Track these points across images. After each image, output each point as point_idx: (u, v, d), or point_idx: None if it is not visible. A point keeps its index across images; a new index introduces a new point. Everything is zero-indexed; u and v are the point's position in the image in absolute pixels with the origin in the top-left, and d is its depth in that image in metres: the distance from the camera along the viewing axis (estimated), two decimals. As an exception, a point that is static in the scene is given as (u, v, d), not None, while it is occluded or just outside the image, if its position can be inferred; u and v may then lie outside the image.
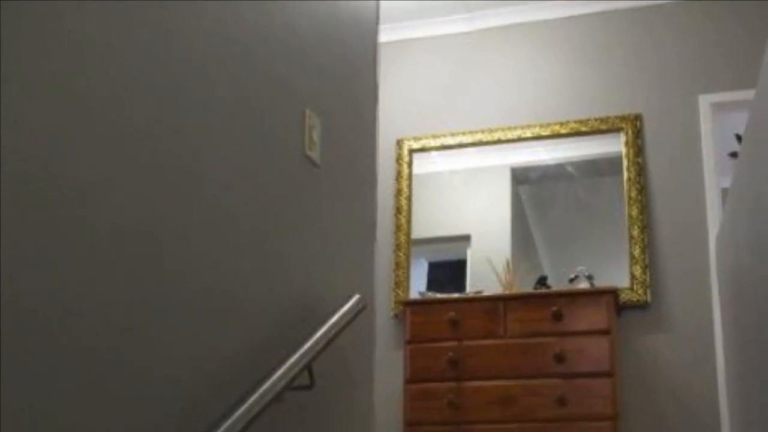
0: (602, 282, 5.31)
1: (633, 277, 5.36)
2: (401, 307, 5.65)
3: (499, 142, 5.99)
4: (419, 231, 6.04)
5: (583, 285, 5.13)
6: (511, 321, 4.90)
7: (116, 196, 1.88)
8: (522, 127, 5.94)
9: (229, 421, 1.99)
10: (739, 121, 4.20)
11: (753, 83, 3.11)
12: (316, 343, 2.55)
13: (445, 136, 6.13)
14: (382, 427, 5.57)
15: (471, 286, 5.73)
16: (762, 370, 1.92)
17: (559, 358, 4.70)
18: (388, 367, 5.67)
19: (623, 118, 5.75)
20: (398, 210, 6.08)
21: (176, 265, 2.13)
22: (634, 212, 5.50)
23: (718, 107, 5.60)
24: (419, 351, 4.99)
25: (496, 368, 4.83)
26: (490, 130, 6.00)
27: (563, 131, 5.85)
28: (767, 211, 1.87)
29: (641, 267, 5.36)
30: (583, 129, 5.82)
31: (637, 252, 5.40)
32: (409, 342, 5.03)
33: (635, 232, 5.45)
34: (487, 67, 6.22)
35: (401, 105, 6.30)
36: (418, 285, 5.90)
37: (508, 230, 5.83)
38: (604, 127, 5.79)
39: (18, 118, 1.55)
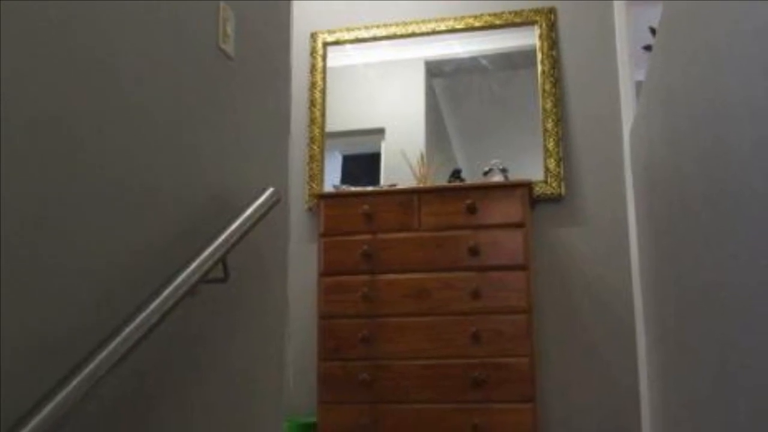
0: (516, 175, 5.34)
1: (547, 170, 5.40)
2: (315, 200, 5.65)
3: (413, 35, 5.95)
4: (333, 124, 6.00)
5: (498, 178, 5.15)
6: (425, 214, 4.91)
7: (30, 88, 1.85)
8: (436, 20, 5.90)
9: (144, 314, 1.97)
10: (653, 15, 4.20)
11: (669, -24, 3.11)
12: (231, 236, 2.54)
13: (359, 29, 6.07)
14: (297, 319, 5.61)
15: (385, 179, 5.74)
16: (675, 262, 1.95)
17: (474, 252, 4.74)
18: (302, 260, 5.69)
19: (537, 11, 5.74)
20: (312, 103, 6.03)
21: (90, 158, 2.10)
22: (548, 105, 5.52)
23: (632, 0, 5.61)
24: (333, 244, 4.99)
25: (410, 261, 4.85)
26: (404, 24, 5.95)
27: (477, 24, 5.82)
28: (680, 104, 1.87)
29: (555, 160, 5.40)
30: (497, 22, 5.79)
31: (551, 145, 5.43)
32: (323, 235, 5.03)
33: (549, 125, 5.48)
34: (402, -42, 6.13)
35: (315, -4, 6.22)
36: (332, 178, 5.89)
37: (422, 123, 5.82)
38: (518, 20, 5.77)
39: None
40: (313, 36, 6.16)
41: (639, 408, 5.01)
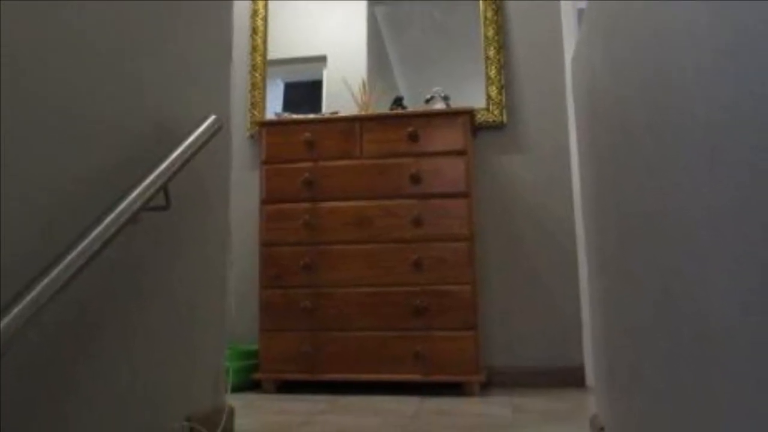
0: (458, 103, 5.35)
1: (489, 97, 5.41)
2: (257, 128, 5.62)
3: (355, -40, 5.89)
4: (275, 52, 5.95)
5: (439, 106, 5.15)
6: (367, 142, 4.90)
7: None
8: (379, -55, 5.85)
9: (85, 242, 1.96)
10: (596, -57, 4.19)
11: None
12: (172, 163, 2.52)
13: (300, -47, 5.99)
14: (238, 247, 5.60)
15: (327, 107, 5.72)
16: (617, 191, 1.97)
17: (416, 179, 4.75)
18: (244, 188, 5.67)
19: (481, -62, 5.70)
20: (254, 31, 5.96)
21: (32, 87, 2.07)
22: (490, 33, 5.51)
23: (575, -72, 5.58)
24: (275, 171, 4.98)
25: (352, 189, 4.86)
26: (347, -52, 5.89)
27: (420, -50, 5.78)
28: (622, 31, 1.88)
29: (497, 88, 5.41)
30: (441, -52, 5.75)
31: (493, 73, 5.43)
32: (264, 162, 5.00)
33: (491, 53, 5.47)
34: None
35: None
36: (274, 106, 5.86)
37: (364, 51, 5.79)
38: (461, -54, 5.73)
39: None
40: (254, -39, 6.07)
41: (581, 335, 5.09)
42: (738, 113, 0.99)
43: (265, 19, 5.97)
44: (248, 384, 5.00)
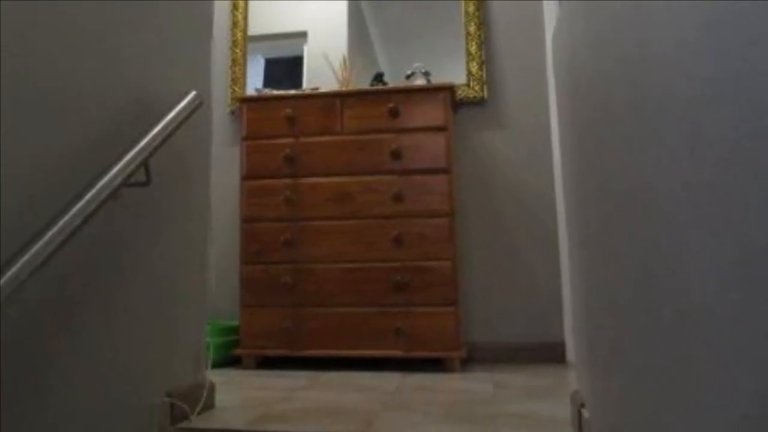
0: (439, 78, 5.34)
1: (470, 73, 5.40)
2: (238, 104, 5.61)
3: (336, -65, 5.86)
4: (256, 27, 5.92)
5: (420, 81, 5.14)
6: (347, 118, 4.89)
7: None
8: None
9: (66, 217, 1.95)
10: None
11: None
12: (153, 139, 2.52)
13: (281, -73, 5.95)
14: (219, 223, 5.59)
15: (308, 83, 5.70)
16: (598, 167, 1.97)
17: (396, 155, 4.75)
18: (224, 164, 5.65)
19: None
20: (235, 6, 5.93)
21: (14, 64, 2.06)
22: (471, 8, 5.49)
23: None
24: (256, 147, 4.96)
25: (332, 165, 4.85)
26: None
27: (399, -75, 5.75)
28: (603, 6, 1.87)
29: (478, 63, 5.40)
30: (422, -77, 5.72)
31: (473, 48, 5.42)
32: (245, 138, 4.99)
33: (472, 29, 5.46)
34: None
35: None
36: (254, 82, 5.84)
37: (344, 27, 5.76)
38: None
39: None
40: (234, -65, 6.04)
41: (562, 311, 5.10)
42: (719, 89, 0.99)
43: (245, -6, 5.95)
44: (229, 360, 5.00)
